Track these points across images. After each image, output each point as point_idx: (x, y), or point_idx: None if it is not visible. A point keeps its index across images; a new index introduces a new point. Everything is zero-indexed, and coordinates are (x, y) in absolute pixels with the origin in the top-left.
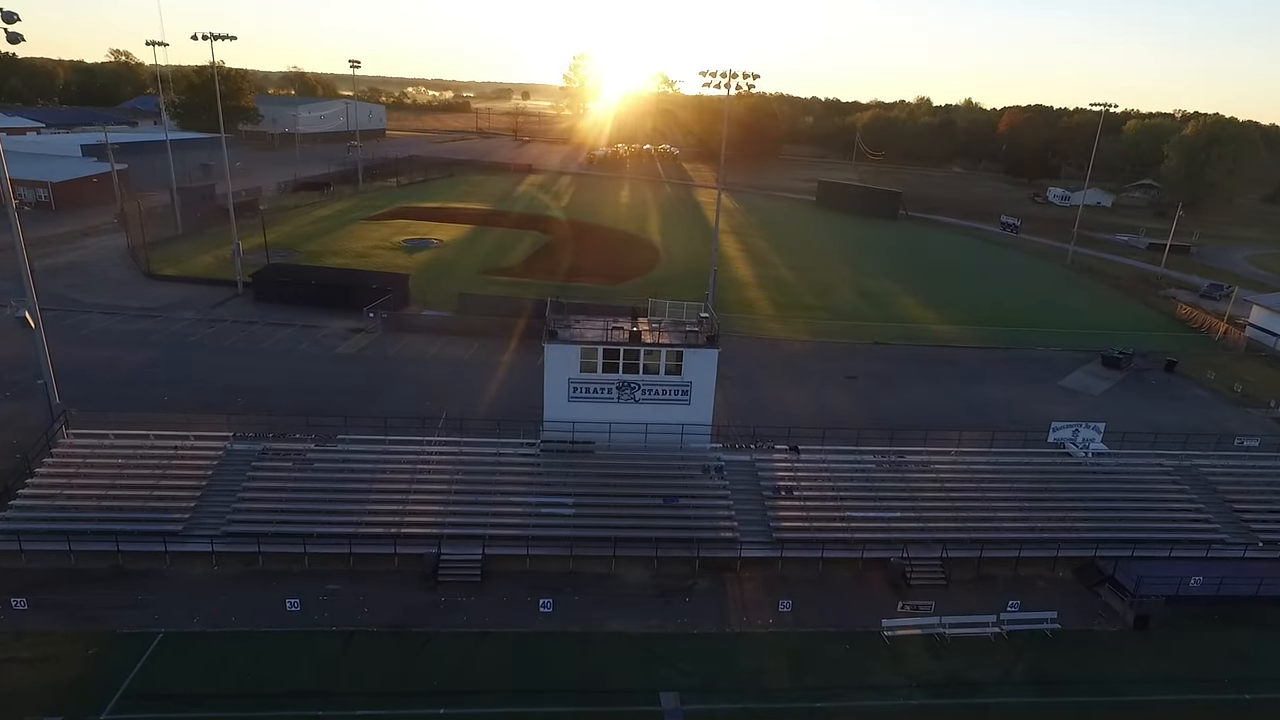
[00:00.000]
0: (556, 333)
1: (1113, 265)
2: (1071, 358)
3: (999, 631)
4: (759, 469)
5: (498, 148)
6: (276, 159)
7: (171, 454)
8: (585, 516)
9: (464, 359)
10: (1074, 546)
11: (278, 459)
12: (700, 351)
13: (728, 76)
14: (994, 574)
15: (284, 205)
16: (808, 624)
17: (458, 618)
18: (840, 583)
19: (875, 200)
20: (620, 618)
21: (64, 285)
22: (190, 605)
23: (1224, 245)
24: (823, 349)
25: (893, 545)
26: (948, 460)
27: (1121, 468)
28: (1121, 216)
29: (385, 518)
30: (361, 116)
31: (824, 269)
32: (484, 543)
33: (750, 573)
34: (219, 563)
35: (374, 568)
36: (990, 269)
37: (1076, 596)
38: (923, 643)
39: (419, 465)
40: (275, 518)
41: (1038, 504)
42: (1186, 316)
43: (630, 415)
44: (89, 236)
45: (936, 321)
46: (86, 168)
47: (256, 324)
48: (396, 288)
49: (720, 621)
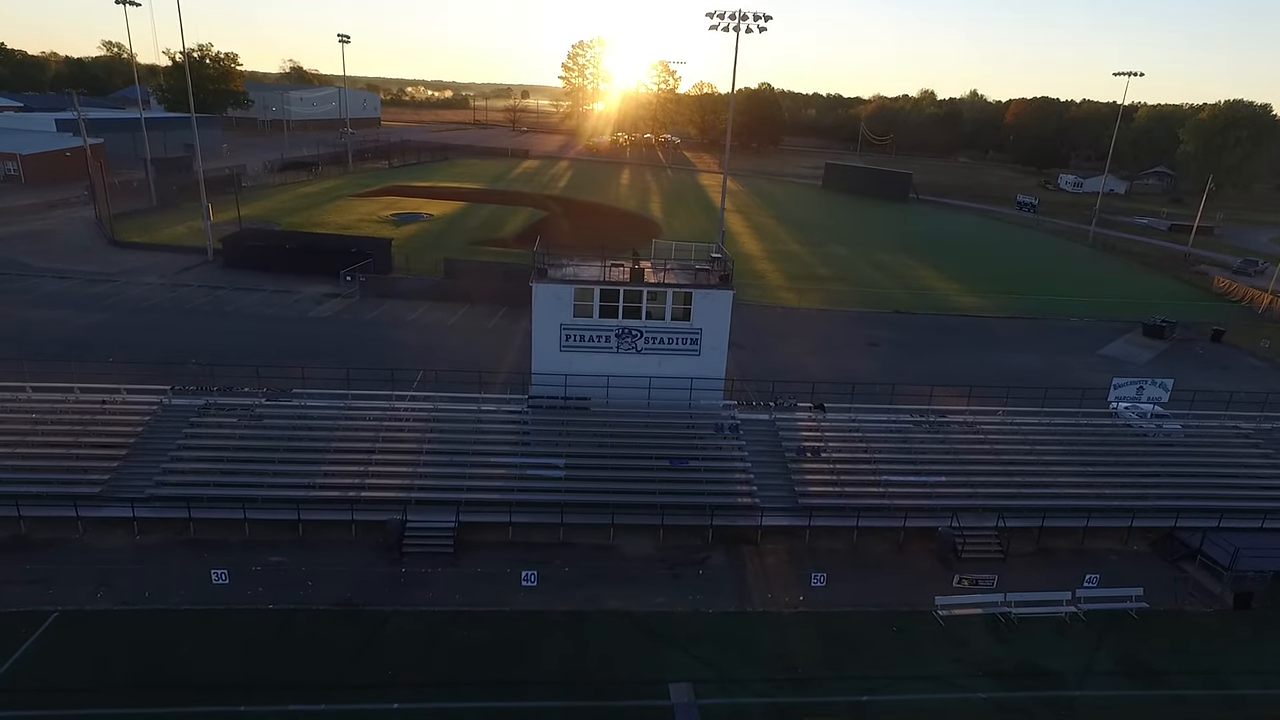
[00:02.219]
0: (546, 270)
1: (1137, 244)
2: (1109, 327)
3: (1075, 611)
4: (780, 429)
5: (494, 136)
6: (266, 145)
7: (97, 409)
8: (579, 480)
9: (447, 323)
10: (1150, 516)
11: (221, 415)
12: (712, 293)
13: (737, 18)
14: (1056, 546)
15: (268, 184)
16: (844, 602)
17: (422, 594)
18: (879, 557)
19: (884, 182)
20: (619, 595)
21: (18, 252)
22: (98, 580)
23: (1247, 228)
24: (841, 316)
25: (939, 514)
26: (994, 421)
27: (1193, 430)
28: (1137, 202)
29: (343, 479)
30: (355, 104)
31: (835, 244)
32: (458, 509)
33: (773, 545)
34: (142, 531)
35: (327, 537)
36: (1010, 245)
37: (1156, 572)
38: (984, 624)
39: (386, 423)
40: (213, 479)
41: (1103, 469)
42: (1226, 290)
43: (631, 368)
44: (56, 209)
45: (959, 293)
46: (60, 142)
47: (223, 289)
48: (378, 253)
49: (740, 600)
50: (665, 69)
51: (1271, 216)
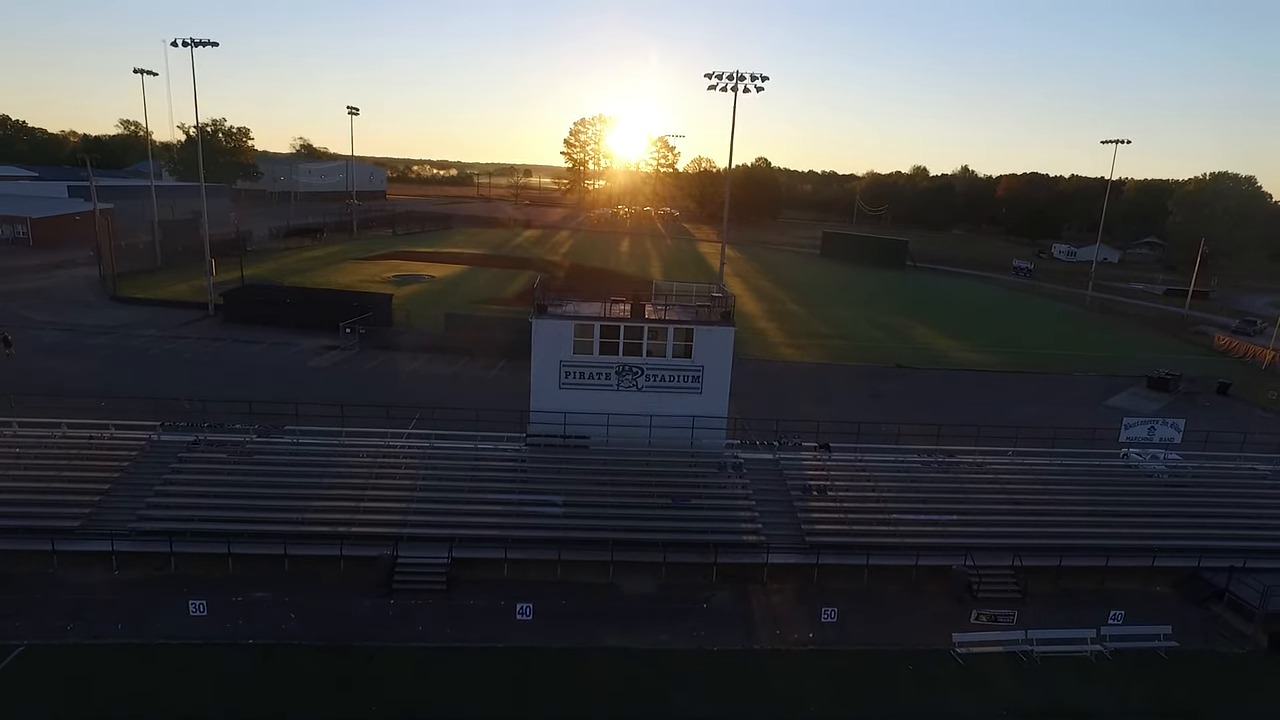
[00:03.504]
0: (546, 307)
1: (1134, 307)
2: (1112, 381)
3: (1100, 650)
4: (784, 467)
5: (497, 208)
6: (273, 214)
7: (84, 444)
8: (577, 517)
9: (447, 374)
10: (1172, 556)
11: (211, 450)
12: (714, 330)
13: (735, 78)
14: (1075, 587)
15: (273, 248)
16: (858, 640)
17: (410, 629)
18: (891, 596)
19: (881, 250)
20: (619, 632)
21: (21, 306)
22: (71, 613)
23: (1243, 293)
24: (843, 370)
25: (952, 553)
26: (1004, 462)
27: (1208, 471)
28: (1130, 270)
29: (333, 515)
30: (361, 177)
31: (835, 305)
32: (451, 545)
33: (780, 584)
34: (121, 566)
35: (314, 572)
36: (1008, 307)
37: (1181, 612)
38: (1005, 662)
39: (380, 460)
40: (197, 514)
41: (1120, 509)
42: (1227, 347)
43: (632, 405)
44: (61, 269)
45: (960, 349)
46: (70, 207)
47: (222, 340)
48: (379, 308)
49: (747, 637)
50: (664, 145)
51: (1265, 283)
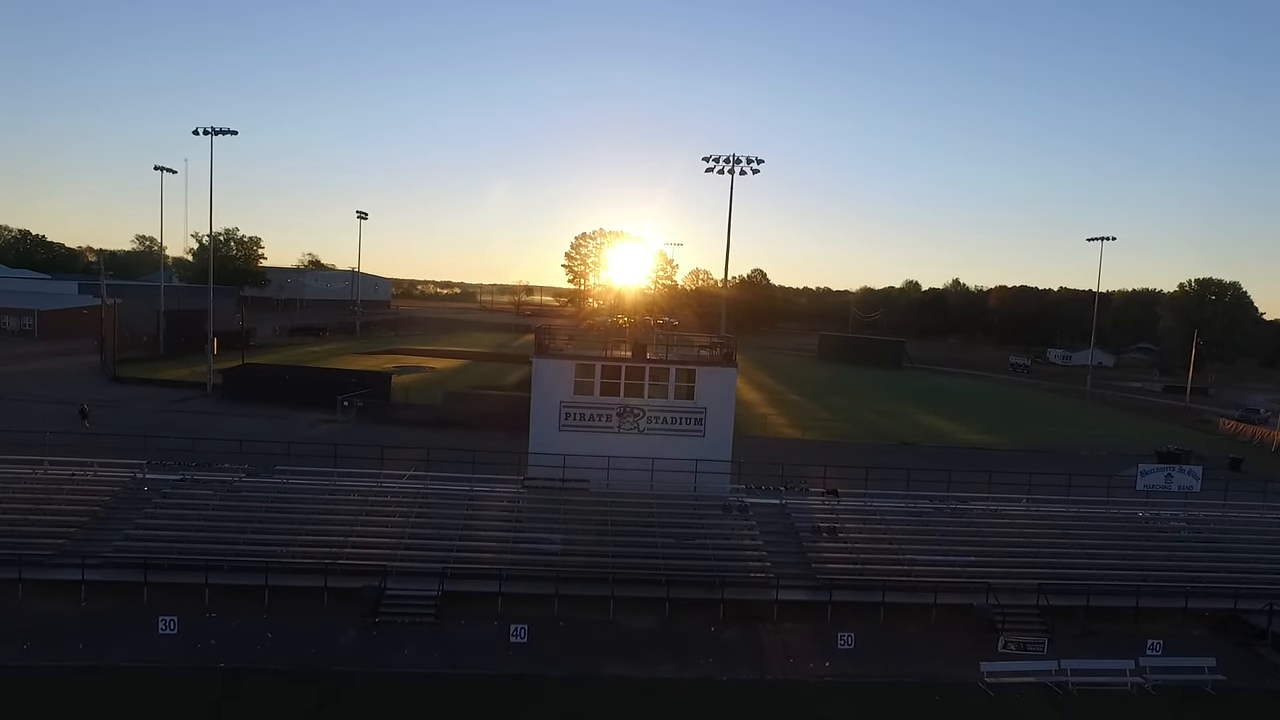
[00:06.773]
0: (547, 347)
1: (1135, 400)
2: (1122, 458)
3: (1140, 682)
4: (792, 511)
5: (498, 317)
6: (277, 318)
7: (66, 480)
8: (576, 554)
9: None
10: (1206, 598)
11: (198, 488)
12: (717, 370)
13: (731, 162)
14: (1106, 629)
15: (277, 343)
16: (877, 671)
17: (395, 655)
18: (910, 636)
19: (878, 350)
20: (620, 661)
21: (20, 383)
22: (29, 636)
23: (1241, 391)
24: (846, 446)
25: (973, 591)
26: (1020, 509)
27: (1230, 520)
28: (1126, 372)
29: (320, 548)
30: (367, 287)
31: (835, 396)
32: (442, 580)
33: (791, 624)
34: (90, 597)
35: (297, 605)
36: (1010, 399)
37: (1221, 652)
38: (1038, 694)
39: (372, 499)
40: (177, 546)
41: (1147, 552)
42: (1234, 431)
43: (633, 449)
44: (64, 356)
45: (966, 431)
46: (78, 302)
47: (218, 414)
48: (377, 384)
49: (758, 668)
50: (664, 259)
51: (1263, 384)
